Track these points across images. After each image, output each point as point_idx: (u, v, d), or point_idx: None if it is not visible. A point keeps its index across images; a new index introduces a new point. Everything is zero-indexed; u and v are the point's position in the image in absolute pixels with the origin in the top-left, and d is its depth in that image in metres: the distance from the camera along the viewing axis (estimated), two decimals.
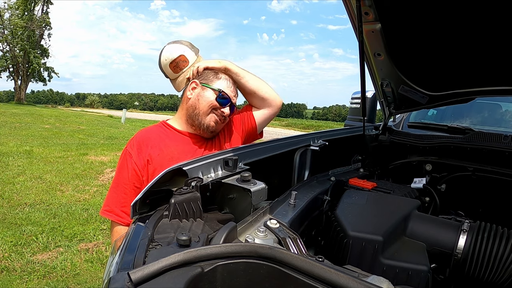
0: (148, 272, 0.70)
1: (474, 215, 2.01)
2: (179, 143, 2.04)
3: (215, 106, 2.00)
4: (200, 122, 2.01)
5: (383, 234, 1.38)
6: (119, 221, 1.89)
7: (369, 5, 1.95)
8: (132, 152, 1.94)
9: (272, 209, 1.35)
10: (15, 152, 9.92)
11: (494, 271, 1.43)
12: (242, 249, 0.80)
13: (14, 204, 5.88)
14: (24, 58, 44.27)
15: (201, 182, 1.25)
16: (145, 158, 1.92)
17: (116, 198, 1.91)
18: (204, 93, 2.03)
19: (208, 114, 2.01)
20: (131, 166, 1.91)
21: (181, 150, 2.00)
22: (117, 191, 1.92)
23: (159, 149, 1.97)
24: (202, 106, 2.01)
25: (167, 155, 1.95)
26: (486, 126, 3.46)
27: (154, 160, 1.92)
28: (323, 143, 2.02)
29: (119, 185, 1.92)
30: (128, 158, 1.93)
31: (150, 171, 1.91)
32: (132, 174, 1.90)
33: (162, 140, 2.02)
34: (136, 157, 1.92)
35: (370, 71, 2.44)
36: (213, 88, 2.02)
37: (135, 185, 1.90)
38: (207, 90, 2.03)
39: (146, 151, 1.94)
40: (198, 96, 2.03)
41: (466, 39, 2.03)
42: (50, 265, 4.07)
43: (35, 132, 14.87)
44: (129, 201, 1.86)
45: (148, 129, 2.12)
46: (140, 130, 2.09)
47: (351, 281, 0.72)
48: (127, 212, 1.88)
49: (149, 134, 2.04)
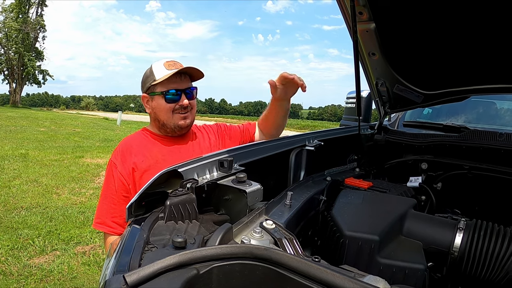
0: (144, 275, 0.70)
1: (470, 213, 2.02)
2: (161, 145, 2.06)
3: (171, 108, 1.99)
4: (170, 128, 2.03)
5: (380, 233, 1.38)
6: (111, 232, 1.90)
7: (363, 5, 1.96)
8: (116, 162, 1.95)
9: (268, 210, 1.35)
10: (10, 155, 9.87)
11: (491, 268, 1.43)
12: (238, 250, 0.80)
13: (10, 207, 5.85)
14: (19, 61, 44.07)
15: (196, 183, 1.25)
16: (129, 166, 1.93)
17: (106, 209, 1.92)
18: (156, 102, 2.02)
19: (172, 117, 2.00)
20: (116, 176, 1.92)
21: (166, 152, 2.03)
22: (106, 202, 1.93)
23: (142, 155, 1.98)
24: (162, 115, 2.01)
25: (151, 159, 1.97)
26: (481, 124, 3.46)
27: (139, 167, 1.93)
28: (318, 143, 2.02)
29: (107, 196, 1.93)
30: (113, 168, 1.94)
31: (136, 178, 1.92)
32: (119, 184, 1.91)
33: (144, 146, 2.03)
34: (120, 166, 1.93)
35: (365, 70, 2.44)
36: (157, 93, 1.99)
37: (122, 195, 1.91)
38: (155, 98, 2.01)
39: (130, 159, 1.95)
40: (153, 108, 2.04)
41: (460, 38, 2.03)
42: (47, 268, 4.05)
43: (31, 135, 14.80)
44: (119, 211, 1.91)
45: (130, 137, 2.13)
46: (123, 139, 2.10)
47: (347, 281, 0.72)
48: (118, 222, 1.91)
49: (131, 142, 2.05)
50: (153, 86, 1.99)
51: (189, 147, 2.12)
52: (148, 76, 2.03)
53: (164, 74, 1.96)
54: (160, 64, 2.01)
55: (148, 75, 2.03)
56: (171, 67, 1.98)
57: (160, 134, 2.09)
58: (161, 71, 1.99)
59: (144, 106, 2.10)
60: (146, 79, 2.04)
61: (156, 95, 2.00)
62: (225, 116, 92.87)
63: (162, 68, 1.99)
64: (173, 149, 2.06)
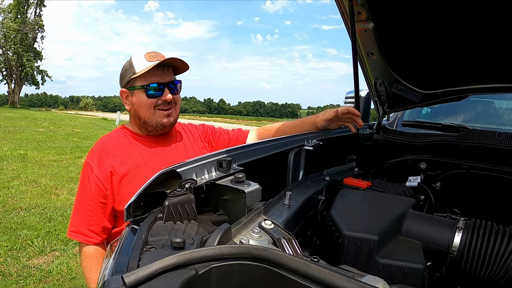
0: (142, 275, 0.70)
1: (469, 213, 2.02)
2: (142, 147, 1.91)
3: (153, 103, 1.84)
4: (152, 126, 1.88)
5: (378, 233, 1.38)
6: (87, 242, 1.78)
7: (362, 4, 1.96)
8: (92, 165, 1.80)
9: (267, 210, 1.35)
10: (9, 156, 9.87)
11: (490, 268, 1.43)
12: (236, 250, 0.80)
13: (9, 208, 5.84)
14: (17, 61, 44.02)
15: (195, 184, 1.24)
16: (107, 169, 1.78)
17: (81, 216, 1.79)
18: (136, 98, 1.86)
19: (154, 114, 1.86)
20: (93, 180, 1.77)
21: (147, 154, 1.89)
22: (82, 209, 1.79)
23: (121, 157, 1.83)
24: (143, 111, 1.86)
25: (131, 162, 1.83)
26: (480, 123, 3.47)
27: (118, 170, 1.79)
28: (317, 143, 2.01)
29: (83, 202, 1.79)
30: (89, 171, 1.79)
31: (115, 183, 1.78)
32: (95, 189, 1.77)
33: (124, 147, 1.88)
34: (97, 169, 1.78)
35: (363, 70, 2.44)
36: (137, 87, 1.83)
37: (100, 201, 1.78)
38: (135, 93, 1.86)
39: (108, 161, 1.80)
40: (132, 104, 1.88)
41: (459, 38, 2.04)
42: (46, 269, 4.05)
43: (29, 135, 14.79)
44: (95, 219, 1.77)
45: (108, 136, 1.97)
46: (100, 139, 1.95)
47: (346, 281, 0.72)
48: (95, 231, 1.79)
49: (108, 142, 1.90)
50: (133, 80, 1.83)
51: (173, 149, 1.98)
52: (127, 69, 1.86)
53: (145, 66, 1.79)
54: (140, 56, 1.85)
55: (127, 68, 1.87)
56: (152, 59, 1.81)
57: (141, 134, 1.95)
58: (142, 63, 1.82)
59: (123, 103, 1.94)
60: (125, 72, 1.87)
61: (136, 90, 1.84)
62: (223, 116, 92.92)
63: (143, 60, 1.82)
64: (155, 151, 1.92)
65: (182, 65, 1.89)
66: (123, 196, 1.78)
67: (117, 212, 1.82)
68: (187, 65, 1.88)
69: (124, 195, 1.78)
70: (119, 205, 1.79)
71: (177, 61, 1.86)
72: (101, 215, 1.80)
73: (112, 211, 1.82)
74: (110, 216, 1.83)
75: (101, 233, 1.81)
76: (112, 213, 1.83)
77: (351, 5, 1.94)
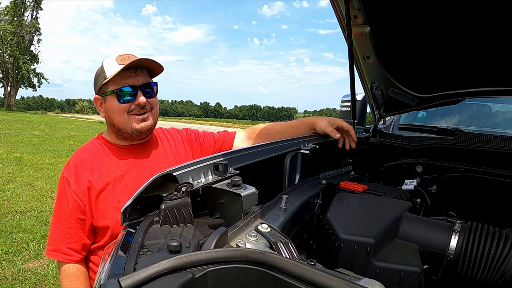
0: (139, 279, 0.69)
1: (465, 216, 2.02)
2: (120, 159, 1.83)
3: (125, 108, 1.75)
4: (127, 132, 1.79)
5: (375, 236, 1.38)
6: (67, 260, 1.71)
7: (358, 8, 1.97)
8: (70, 179, 1.72)
9: (263, 213, 1.35)
10: (5, 159, 9.83)
11: (487, 271, 1.44)
12: (233, 254, 0.80)
13: (4, 211, 5.81)
14: (14, 64, 43.86)
15: (191, 187, 1.24)
16: (84, 184, 1.71)
17: (60, 234, 1.71)
18: (109, 104, 1.77)
19: (128, 120, 1.76)
20: (70, 195, 1.70)
21: (124, 168, 1.81)
22: (60, 226, 1.71)
23: (98, 171, 1.75)
24: (116, 117, 1.77)
25: (109, 176, 1.75)
26: (476, 127, 3.48)
27: (95, 185, 1.71)
28: (313, 147, 2.02)
29: (61, 219, 1.72)
30: (67, 186, 1.71)
31: (92, 198, 1.71)
32: (73, 205, 1.69)
33: (101, 160, 1.79)
34: (74, 184, 1.70)
35: (359, 74, 2.45)
36: (109, 92, 1.74)
37: (78, 217, 1.71)
38: (107, 98, 1.77)
39: (85, 175, 1.72)
40: (106, 110, 1.80)
41: (454, 41, 2.05)
42: (41, 273, 4.03)
43: (25, 138, 14.73)
44: (75, 236, 1.71)
45: (84, 148, 1.87)
46: (76, 151, 1.86)
47: (343, 284, 0.72)
48: (74, 248, 1.71)
49: (85, 155, 1.80)
50: (105, 85, 1.73)
51: (153, 160, 1.89)
52: (99, 74, 1.77)
53: (116, 70, 1.69)
54: (112, 60, 1.74)
55: (99, 73, 1.77)
56: (123, 62, 1.70)
57: (118, 144, 1.86)
58: (113, 67, 1.71)
59: (98, 110, 1.84)
60: (97, 78, 1.78)
61: (108, 95, 1.74)
62: (220, 120, 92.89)
63: (114, 63, 1.72)
64: (132, 163, 1.83)
65: (156, 66, 1.80)
66: (101, 212, 1.73)
67: (96, 228, 1.76)
68: (162, 66, 1.79)
69: (101, 211, 1.73)
70: (98, 221, 1.73)
71: (150, 62, 1.76)
72: (80, 232, 1.73)
73: (91, 227, 1.75)
74: (89, 233, 1.76)
75: (81, 250, 1.75)
76: (91, 229, 1.76)
77: (348, 9, 1.94)
